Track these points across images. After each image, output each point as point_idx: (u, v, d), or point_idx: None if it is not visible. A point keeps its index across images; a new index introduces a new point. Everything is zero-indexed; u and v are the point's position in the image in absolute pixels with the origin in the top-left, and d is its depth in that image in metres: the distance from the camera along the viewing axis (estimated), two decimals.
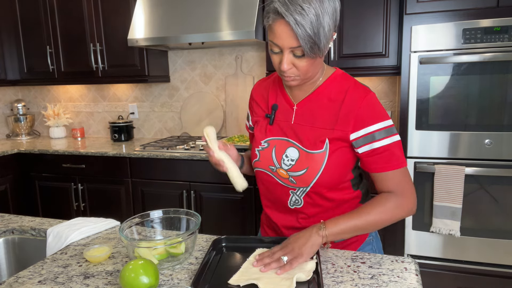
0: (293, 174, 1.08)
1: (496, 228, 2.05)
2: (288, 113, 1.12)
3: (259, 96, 1.21)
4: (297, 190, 1.10)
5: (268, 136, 1.14)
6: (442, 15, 2.01)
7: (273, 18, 0.93)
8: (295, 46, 0.93)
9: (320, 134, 1.05)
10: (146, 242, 1.03)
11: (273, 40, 0.96)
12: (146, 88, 3.32)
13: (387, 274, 0.94)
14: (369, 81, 2.74)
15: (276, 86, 1.17)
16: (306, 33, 0.90)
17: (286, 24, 0.91)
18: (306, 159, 1.06)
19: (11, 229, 1.34)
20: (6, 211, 2.91)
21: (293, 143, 1.09)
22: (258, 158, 1.15)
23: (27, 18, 3.14)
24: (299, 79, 1.02)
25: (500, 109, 1.96)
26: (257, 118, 1.20)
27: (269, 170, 1.13)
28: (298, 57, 0.96)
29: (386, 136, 1.02)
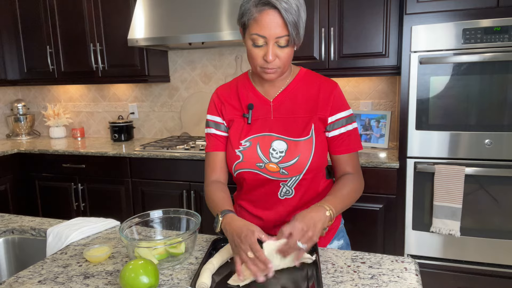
0: (284, 165, 1.11)
1: (496, 228, 2.05)
2: (265, 110, 1.17)
3: (227, 98, 1.21)
4: (289, 180, 1.14)
5: (249, 135, 1.15)
6: (442, 15, 2.01)
7: (260, 9, 0.99)
8: (281, 35, 1.01)
9: (304, 122, 1.13)
10: (146, 242, 1.03)
11: (259, 32, 1.01)
12: (146, 88, 3.32)
13: (387, 274, 0.94)
14: (369, 81, 2.74)
15: (244, 87, 1.20)
16: (293, 20, 1.00)
17: (275, 12, 0.99)
18: (295, 147, 1.11)
19: (11, 229, 1.34)
20: (6, 211, 2.91)
21: (277, 136, 1.13)
22: (242, 158, 1.14)
23: (27, 18, 3.14)
24: (280, 71, 1.08)
25: (500, 109, 1.96)
26: (230, 117, 1.19)
27: (256, 168, 1.13)
28: (281, 47, 1.04)
29: (351, 122, 1.17)
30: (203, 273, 0.91)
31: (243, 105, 1.18)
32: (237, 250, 0.92)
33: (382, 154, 2.38)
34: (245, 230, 0.92)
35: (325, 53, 2.44)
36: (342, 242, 1.27)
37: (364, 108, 2.76)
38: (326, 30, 2.42)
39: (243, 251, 0.90)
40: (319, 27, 2.43)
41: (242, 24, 1.06)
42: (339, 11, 2.38)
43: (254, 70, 1.12)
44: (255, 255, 0.88)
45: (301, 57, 2.49)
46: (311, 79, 1.19)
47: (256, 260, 0.89)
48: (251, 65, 1.11)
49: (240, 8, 1.05)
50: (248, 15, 1.02)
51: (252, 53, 1.05)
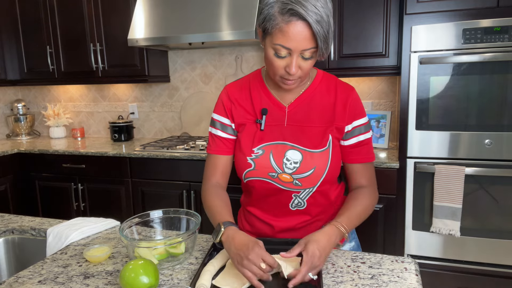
0: (298, 176, 1.06)
1: (496, 228, 2.05)
2: (279, 116, 1.09)
3: (239, 99, 1.13)
4: (302, 192, 1.09)
5: (262, 142, 1.08)
6: (442, 15, 2.01)
7: (287, 20, 0.90)
8: (308, 48, 0.93)
9: (321, 132, 1.07)
10: (146, 242, 1.03)
11: (284, 44, 0.92)
12: (146, 88, 3.32)
13: (387, 274, 0.94)
14: (369, 81, 2.74)
15: (257, 90, 1.12)
16: (323, 33, 0.91)
17: (304, 24, 0.90)
18: (311, 159, 1.05)
19: (11, 229, 1.34)
20: (6, 211, 2.91)
21: (292, 146, 1.06)
22: (254, 167, 1.07)
23: (27, 18, 3.14)
24: (299, 81, 1.02)
25: (500, 109, 1.96)
26: (241, 120, 1.12)
27: (268, 178, 1.07)
28: (305, 59, 0.96)
29: (368, 130, 1.12)
30: (203, 274, 0.91)
31: (256, 109, 1.11)
32: (245, 263, 0.86)
33: (382, 154, 2.38)
34: (251, 243, 0.88)
35: None
36: (354, 244, 1.24)
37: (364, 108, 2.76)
38: None
39: (252, 263, 0.85)
40: None
41: (264, 29, 0.96)
42: (339, 11, 2.38)
43: (272, 77, 1.04)
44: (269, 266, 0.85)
45: None
46: (328, 83, 1.11)
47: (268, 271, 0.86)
48: (269, 71, 1.04)
49: (261, 11, 0.95)
50: (272, 22, 0.92)
51: (273, 63, 0.97)
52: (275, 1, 0.92)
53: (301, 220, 1.14)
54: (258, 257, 0.85)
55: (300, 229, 1.15)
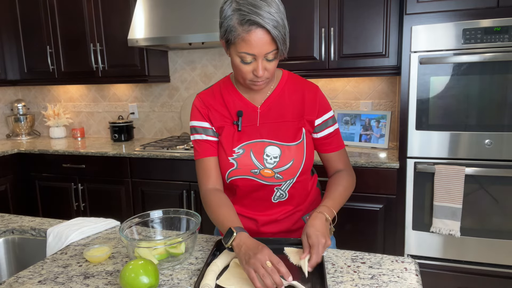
0: (279, 170, 1.13)
1: (496, 228, 2.05)
2: (252, 116, 1.17)
3: (213, 105, 1.18)
4: (283, 184, 1.16)
5: (241, 141, 1.14)
6: (442, 15, 2.01)
7: (247, 29, 0.97)
8: (270, 50, 1.01)
9: (294, 126, 1.16)
10: (146, 242, 1.03)
11: (247, 51, 1.00)
12: (146, 88, 3.32)
13: (387, 274, 0.94)
14: (369, 81, 2.74)
15: (229, 94, 1.18)
16: (281, 36, 1.00)
17: (264, 31, 0.97)
18: (289, 152, 1.14)
19: (11, 229, 1.34)
20: (6, 211, 2.91)
21: (270, 142, 1.14)
22: (236, 166, 1.13)
23: (27, 18, 3.14)
24: (267, 81, 1.10)
25: (500, 109, 1.96)
26: (219, 123, 1.17)
27: (250, 175, 1.14)
28: (269, 60, 1.04)
29: (335, 122, 1.23)
30: (207, 274, 0.91)
31: (232, 112, 1.17)
32: (252, 261, 0.87)
33: (382, 154, 2.38)
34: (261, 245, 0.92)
35: (325, 53, 2.44)
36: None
37: (364, 108, 2.76)
38: (326, 30, 2.42)
39: (258, 261, 0.87)
40: (319, 27, 2.43)
41: (227, 40, 1.03)
42: (339, 11, 2.38)
43: (241, 82, 1.11)
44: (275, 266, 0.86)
45: (301, 57, 2.49)
46: (295, 82, 1.20)
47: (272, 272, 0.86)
48: (238, 77, 1.11)
49: (221, 24, 1.03)
50: (233, 33, 0.99)
51: (241, 69, 1.05)
52: (232, 14, 0.99)
53: (283, 211, 1.21)
54: (265, 257, 0.88)
55: (283, 220, 1.22)
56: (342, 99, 2.82)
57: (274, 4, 0.98)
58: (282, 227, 1.22)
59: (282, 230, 1.22)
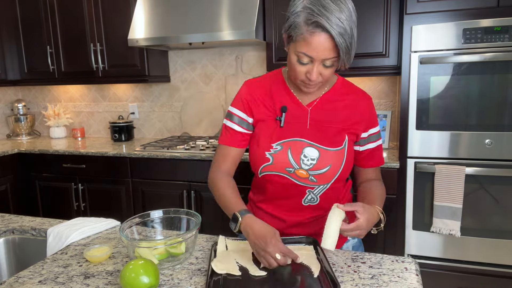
0: (314, 173, 1.11)
1: (497, 228, 2.05)
2: (301, 115, 1.14)
3: (258, 96, 1.17)
4: (316, 188, 1.14)
5: (281, 138, 1.12)
6: (443, 15, 2.01)
7: (311, 30, 0.94)
8: (330, 57, 0.98)
9: (338, 132, 1.13)
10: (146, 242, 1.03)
11: (306, 52, 0.97)
12: (146, 88, 3.32)
13: (387, 274, 0.94)
14: (369, 81, 2.73)
15: (279, 89, 1.16)
16: (345, 45, 0.96)
17: (328, 36, 0.94)
18: (327, 156, 1.11)
19: (11, 229, 1.34)
20: (6, 211, 2.91)
21: (310, 143, 1.11)
22: (272, 161, 1.12)
23: (27, 18, 3.14)
24: (320, 85, 1.08)
25: (501, 109, 1.96)
26: (260, 116, 1.16)
27: (285, 172, 1.12)
28: (326, 66, 1.01)
29: (379, 138, 1.21)
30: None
31: (277, 107, 1.15)
32: (263, 254, 0.94)
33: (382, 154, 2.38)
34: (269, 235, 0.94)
35: None
36: (356, 241, 1.31)
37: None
38: None
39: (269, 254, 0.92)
40: None
41: (289, 35, 1.01)
42: None
43: (293, 81, 1.10)
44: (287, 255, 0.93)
45: None
46: (348, 89, 1.18)
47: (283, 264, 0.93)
48: (291, 75, 1.09)
49: (288, 18, 1.00)
50: (297, 31, 0.96)
51: (296, 68, 1.02)
52: (301, 11, 0.95)
53: (312, 215, 1.19)
54: (275, 250, 0.92)
55: (309, 223, 1.20)
56: None
57: (346, 11, 0.94)
58: (309, 230, 1.20)
59: (310, 233, 1.19)
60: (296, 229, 1.20)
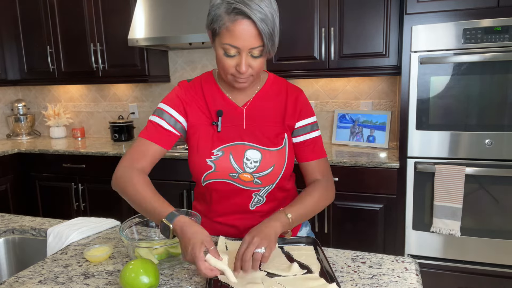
0: (258, 175, 1.09)
1: (497, 228, 2.05)
2: (237, 117, 1.11)
3: (194, 99, 1.12)
4: (261, 190, 1.12)
5: (221, 144, 1.08)
6: (443, 15, 2.01)
7: (233, 19, 0.93)
8: (256, 46, 0.96)
9: (276, 130, 1.12)
10: (146, 242, 1.03)
11: (231, 43, 0.95)
12: (146, 88, 3.32)
13: (387, 274, 0.94)
14: (369, 81, 2.74)
15: (212, 91, 1.12)
16: (268, 31, 0.95)
17: (250, 23, 0.93)
18: (270, 157, 1.09)
19: (11, 229, 1.34)
20: (6, 211, 2.91)
21: (251, 145, 1.09)
22: (214, 168, 1.08)
23: (27, 18, 3.14)
24: (252, 79, 1.05)
25: (501, 109, 1.96)
26: (195, 120, 1.11)
27: (229, 178, 1.09)
28: (255, 57, 0.99)
29: (316, 129, 1.17)
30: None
31: (211, 111, 1.11)
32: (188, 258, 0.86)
33: (382, 154, 2.38)
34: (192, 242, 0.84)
35: (325, 53, 2.44)
36: (309, 228, 1.31)
37: (364, 108, 2.76)
38: (326, 30, 2.42)
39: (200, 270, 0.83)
40: (319, 27, 2.43)
41: (212, 30, 0.99)
42: (339, 11, 2.38)
43: (224, 77, 1.05)
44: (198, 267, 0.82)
45: (301, 57, 2.49)
46: (279, 85, 1.17)
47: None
48: (220, 72, 1.05)
49: (209, 13, 0.99)
50: (219, 22, 0.95)
51: (224, 62, 0.99)
52: (221, 2, 0.95)
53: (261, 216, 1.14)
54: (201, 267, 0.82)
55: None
56: (342, 99, 2.82)
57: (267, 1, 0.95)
58: None
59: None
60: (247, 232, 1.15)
